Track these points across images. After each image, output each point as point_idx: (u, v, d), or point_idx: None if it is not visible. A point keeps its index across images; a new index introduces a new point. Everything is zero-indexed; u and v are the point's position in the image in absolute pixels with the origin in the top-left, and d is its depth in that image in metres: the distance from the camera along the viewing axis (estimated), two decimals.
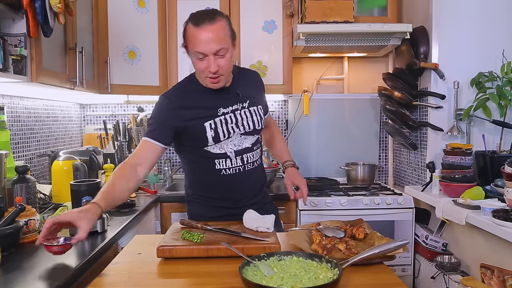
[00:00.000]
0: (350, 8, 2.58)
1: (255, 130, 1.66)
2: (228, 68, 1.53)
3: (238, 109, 1.63)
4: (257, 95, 1.72)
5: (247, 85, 1.69)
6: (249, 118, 1.64)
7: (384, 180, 3.15)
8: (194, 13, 1.51)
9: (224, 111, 1.60)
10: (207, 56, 1.48)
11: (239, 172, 1.64)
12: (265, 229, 1.38)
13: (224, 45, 1.47)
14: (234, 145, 1.62)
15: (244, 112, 1.64)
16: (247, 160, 1.65)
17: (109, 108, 3.13)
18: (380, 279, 1.12)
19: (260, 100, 1.74)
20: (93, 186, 1.61)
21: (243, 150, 1.64)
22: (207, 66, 1.49)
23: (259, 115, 1.68)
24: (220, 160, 1.61)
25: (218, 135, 1.58)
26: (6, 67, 1.55)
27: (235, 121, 1.61)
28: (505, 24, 2.39)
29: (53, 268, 1.24)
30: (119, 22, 2.54)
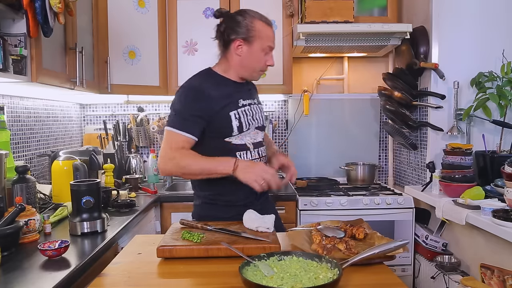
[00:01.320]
0: (350, 8, 2.58)
1: (263, 127, 1.76)
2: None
3: (252, 103, 1.71)
4: (257, 97, 1.81)
5: (250, 86, 1.80)
6: (259, 114, 1.73)
7: (384, 180, 3.15)
8: (253, 11, 1.67)
9: (243, 103, 1.67)
10: (271, 51, 1.66)
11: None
12: (265, 229, 1.38)
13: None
14: (251, 137, 1.66)
15: (256, 107, 1.72)
16: (262, 154, 1.70)
17: (109, 108, 3.13)
18: (380, 279, 1.12)
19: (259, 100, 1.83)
20: (93, 186, 1.61)
21: (258, 144, 1.69)
22: (267, 60, 1.66)
23: (263, 113, 1.78)
24: (241, 152, 1.63)
25: (242, 125, 1.62)
26: (6, 67, 1.55)
27: (252, 114, 1.68)
28: (505, 24, 2.39)
29: (53, 268, 1.24)
30: (119, 22, 2.54)
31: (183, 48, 2.78)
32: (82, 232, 1.58)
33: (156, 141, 3.14)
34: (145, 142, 3.04)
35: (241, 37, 1.61)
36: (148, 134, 3.04)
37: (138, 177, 2.66)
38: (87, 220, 1.59)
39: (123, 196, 2.23)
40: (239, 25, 1.61)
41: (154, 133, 3.03)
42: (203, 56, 2.78)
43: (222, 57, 1.69)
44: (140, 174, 2.88)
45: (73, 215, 1.60)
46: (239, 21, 1.61)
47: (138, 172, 2.91)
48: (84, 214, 1.58)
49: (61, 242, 1.36)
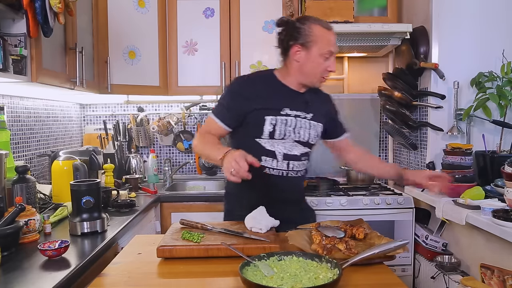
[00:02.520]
0: (350, 8, 2.58)
1: (308, 143, 1.68)
2: None
3: (301, 116, 1.65)
4: (322, 115, 1.72)
5: (318, 101, 1.73)
6: (307, 130, 1.66)
7: (384, 180, 3.15)
8: (314, 17, 1.62)
9: (288, 112, 1.63)
10: (332, 56, 1.60)
11: (282, 176, 1.65)
12: (258, 229, 1.39)
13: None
14: (284, 147, 1.64)
15: (305, 122, 1.66)
16: (292, 168, 1.66)
17: (109, 108, 3.13)
18: (380, 279, 1.12)
19: (324, 120, 1.73)
20: (93, 186, 1.61)
21: (291, 156, 1.65)
22: (328, 66, 1.60)
23: (316, 132, 1.70)
24: (267, 158, 1.63)
25: (274, 132, 1.61)
26: (6, 67, 1.55)
27: (294, 125, 1.63)
28: (505, 24, 2.39)
29: (53, 268, 1.24)
30: (119, 22, 2.54)
31: (183, 48, 2.78)
32: (82, 232, 1.58)
33: (156, 141, 3.14)
34: (145, 142, 3.04)
35: (299, 43, 1.58)
36: (148, 134, 3.04)
37: (138, 177, 2.66)
38: (87, 220, 1.59)
39: (123, 196, 2.23)
40: (297, 31, 1.58)
41: (154, 133, 3.03)
42: (203, 56, 2.79)
43: (283, 64, 1.68)
44: (140, 174, 2.88)
45: (73, 215, 1.60)
46: (298, 27, 1.59)
47: (138, 172, 2.91)
48: (84, 214, 1.59)
49: (61, 242, 1.36)
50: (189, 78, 2.80)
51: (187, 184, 3.02)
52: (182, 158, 3.16)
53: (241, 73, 2.76)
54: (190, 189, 2.98)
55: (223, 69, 2.76)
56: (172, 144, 3.12)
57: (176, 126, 3.06)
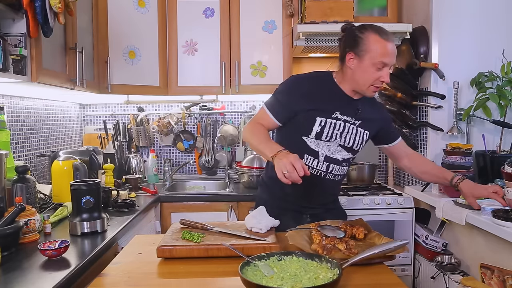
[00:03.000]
0: (350, 8, 2.58)
1: (351, 149, 1.70)
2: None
3: (349, 121, 1.67)
4: (372, 123, 1.73)
5: (370, 109, 1.73)
6: (353, 135, 1.68)
7: (384, 180, 3.15)
8: (376, 25, 1.61)
9: (338, 116, 1.66)
10: (386, 67, 1.58)
11: (319, 176, 1.68)
12: (258, 229, 1.39)
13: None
14: (328, 150, 1.67)
15: (353, 128, 1.68)
16: (331, 170, 1.69)
17: (109, 108, 3.13)
18: (380, 279, 1.12)
19: (372, 129, 1.74)
20: (93, 186, 1.61)
21: (333, 160, 1.68)
22: (381, 76, 1.58)
23: (362, 139, 1.71)
24: (310, 156, 1.66)
25: (322, 133, 1.64)
26: (6, 67, 1.55)
27: (342, 130, 1.66)
28: (505, 24, 2.39)
29: (53, 268, 1.24)
30: (119, 22, 2.54)
31: (183, 48, 2.78)
32: (82, 232, 1.58)
33: (156, 141, 3.14)
34: (145, 142, 3.04)
35: (353, 51, 1.60)
36: (148, 134, 3.04)
37: (138, 177, 2.66)
38: (87, 220, 1.59)
39: (123, 196, 2.23)
40: (354, 39, 1.60)
41: (154, 133, 3.03)
42: (203, 56, 2.79)
43: (340, 69, 1.70)
44: (140, 174, 2.88)
45: (73, 215, 1.60)
46: (356, 34, 1.60)
47: (138, 172, 2.91)
48: (84, 214, 1.59)
49: (61, 242, 1.36)
50: (189, 78, 2.80)
51: (187, 184, 3.02)
52: (182, 158, 3.16)
53: (241, 73, 2.76)
54: (190, 189, 2.98)
55: (223, 69, 2.76)
56: (172, 144, 3.12)
57: (176, 126, 3.06)
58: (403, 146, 1.88)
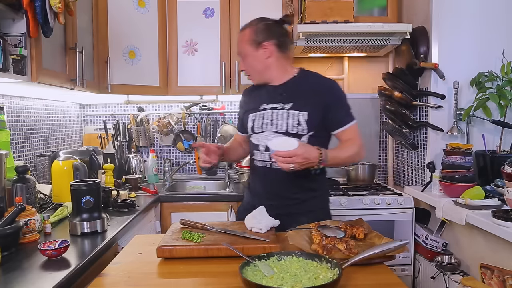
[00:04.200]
0: (350, 8, 2.58)
1: (288, 133, 1.67)
2: (252, 69, 1.75)
3: (277, 108, 1.71)
4: (308, 102, 1.68)
5: (305, 90, 1.71)
6: (285, 119, 1.68)
7: (384, 180, 3.15)
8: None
9: (265, 107, 1.74)
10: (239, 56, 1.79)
11: (267, 167, 1.72)
12: (258, 229, 1.39)
13: (243, 51, 1.74)
14: (268, 140, 1.68)
15: (282, 113, 1.69)
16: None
17: (109, 108, 3.13)
18: (380, 279, 1.12)
19: (312, 109, 1.67)
20: (93, 186, 1.61)
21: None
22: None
23: (297, 120, 1.66)
24: (255, 151, 1.77)
25: (254, 127, 1.75)
26: (6, 67, 1.55)
27: (270, 118, 1.71)
28: (505, 24, 2.39)
29: (53, 268, 1.24)
30: (119, 22, 2.54)
31: (183, 48, 2.78)
32: (82, 232, 1.58)
33: (156, 141, 3.14)
34: (145, 142, 3.04)
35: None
36: (148, 134, 3.04)
37: (138, 177, 2.66)
38: (87, 220, 1.59)
39: (123, 196, 2.23)
40: None
41: (154, 133, 3.03)
42: (203, 56, 2.79)
43: None
44: (140, 174, 2.88)
45: (73, 215, 1.60)
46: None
47: (138, 172, 2.91)
48: (84, 214, 1.59)
49: (61, 242, 1.36)
50: (189, 78, 2.79)
51: (187, 184, 3.02)
52: (182, 158, 3.16)
53: (241, 73, 2.76)
54: (190, 189, 2.98)
55: (223, 69, 2.76)
56: (172, 144, 3.12)
57: (176, 126, 3.06)
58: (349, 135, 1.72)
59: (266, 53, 1.71)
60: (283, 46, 1.73)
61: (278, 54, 1.72)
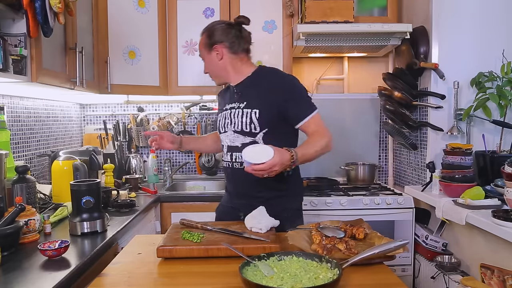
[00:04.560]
0: (350, 8, 2.58)
1: (243, 131, 1.72)
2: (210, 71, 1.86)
3: (234, 107, 1.77)
4: (261, 100, 1.70)
5: (258, 88, 1.74)
6: (239, 118, 1.73)
7: (384, 180, 3.15)
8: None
9: (227, 107, 1.81)
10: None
11: (230, 167, 1.80)
12: (258, 229, 1.39)
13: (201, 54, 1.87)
14: (229, 140, 1.79)
15: (238, 112, 1.74)
16: (235, 159, 1.76)
17: (109, 108, 3.13)
18: (380, 279, 1.12)
19: (263, 106, 1.69)
20: (93, 186, 1.61)
21: (233, 148, 1.77)
22: None
23: (250, 118, 1.70)
24: (223, 151, 1.85)
25: (220, 127, 1.83)
26: (6, 67, 1.55)
27: (229, 118, 1.77)
28: (505, 24, 2.39)
29: (53, 268, 1.24)
30: (119, 22, 2.54)
31: (183, 48, 2.78)
32: (82, 232, 1.58)
33: None
34: (145, 142, 3.04)
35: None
36: None
37: (138, 177, 2.66)
38: (87, 220, 1.59)
39: (123, 196, 2.23)
40: None
41: None
42: None
43: None
44: (140, 174, 2.88)
45: (73, 215, 1.60)
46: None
47: (138, 172, 2.91)
48: (84, 214, 1.59)
49: (61, 242, 1.36)
50: (189, 78, 2.79)
51: (187, 184, 3.02)
52: (182, 158, 3.16)
53: None
54: (190, 189, 2.98)
55: None
56: None
57: (176, 126, 3.06)
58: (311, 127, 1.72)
59: (219, 55, 1.79)
60: (234, 48, 1.77)
61: (231, 56, 1.78)
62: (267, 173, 1.49)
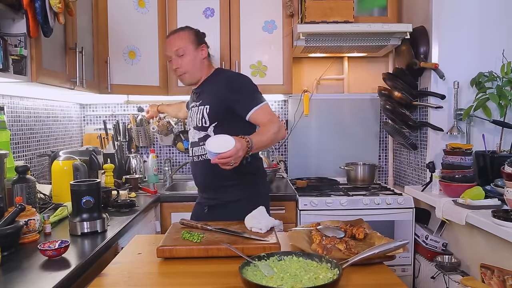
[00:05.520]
0: (350, 8, 2.58)
1: (197, 127, 1.89)
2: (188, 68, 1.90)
3: (194, 106, 1.93)
4: (212, 96, 1.87)
5: (212, 86, 1.91)
6: (196, 114, 1.90)
7: (384, 180, 3.15)
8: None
9: (190, 106, 2.00)
10: (170, 59, 1.95)
11: (193, 161, 1.96)
12: (258, 229, 1.39)
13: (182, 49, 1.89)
14: (191, 136, 1.96)
15: (196, 109, 1.91)
16: (194, 153, 1.93)
17: (109, 108, 3.13)
18: (380, 279, 1.12)
19: (212, 102, 1.85)
20: (93, 186, 1.61)
21: (194, 143, 1.94)
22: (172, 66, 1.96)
23: (202, 114, 1.87)
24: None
25: (187, 125, 2.04)
26: (6, 67, 1.55)
27: (190, 115, 1.96)
28: (505, 24, 2.39)
29: (53, 268, 1.24)
30: (119, 22, 2.54)
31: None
32: (82, 232, 1.58)
33: (156, 141, 3.14)
34: (145, 142, 3.04)
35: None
36: (148, 134, 3.03)
37: (138, 177, 2.66)
38: (87, 220, 1.59)
39: (123, 196, 2.23)
40: None
41: (154, 133, 3.03)
42: None
43: None
44: (140, 174, 2.88)
45: (73, 215, 1.60)
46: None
47: (138, 172, 2.91)
48: (84, 214, 1.58)
49: (61, 242, 1.36)
50: None
51: (187, 184, 3.02)
52: (182, 158, 3.16)
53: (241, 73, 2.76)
54: (190, 189, 2.97)
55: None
56: (172, 144, 3.12)
57: (176, 126, 3.06)
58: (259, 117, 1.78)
59: (203, 54, 1.94)
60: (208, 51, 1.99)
61: (207, 58, 1.97)
62: (233, 160, 1.48)
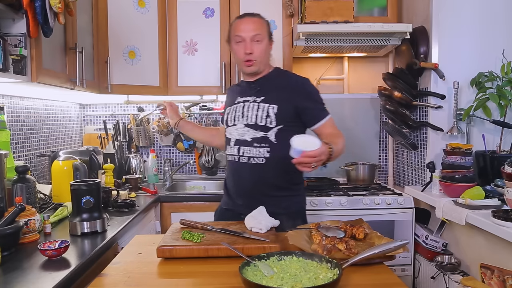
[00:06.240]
0: (350, 8, 2.58)
1: (257, 125, 1.72)
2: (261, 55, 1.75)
3: (249, 101, 1.77)
4: (279, 97, 1.73)
5: (277, 86, 1.77)
6: (254, 111, 1.73)
7: (384, 180, 3.15)
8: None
9: (239, 100, 1.81)
10: (243, 41, 1.74)
11: (236, 161, 1.77)
12: (258, 229, 1.39)
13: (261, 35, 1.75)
14: (238, 133, 1.76)
15: (253, 106, 1.74)
16: (243, 153, 1.74)
17: (109, 108, 3.13)
18: (380, 279, 1.12)
19: (281, 102, 1.71)
20: (93, 186, 1.61)
21: (242, 142, 1.75)
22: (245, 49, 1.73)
23: (266, 112, 1.71)
24: (227, 145, 1.82)
25: (227, 120, 1.81)
26: (6, 67, 1.55)
27: (242, 110, 1.76)
28: (505, 24, 2.39)
29: (53, 268, 1.24)
30: (119, 22, 2.54)
31: (183, 48, 2.78)
32: (82, 232, 1.58)
33: (156, 141, 3.14)
34: (145, 142, 3.04)
35: (229, 42, 1.85)
36: (148, 134, 3.04)
37: (138, 177, 2.66)
38: (87, 220, 1.59)
39: (123, 196, 2.23)
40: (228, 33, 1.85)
41: (154, 133, 3.03)
42: (203, 56, 2.78)
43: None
44: (140, 174, 2.88)
45: (73, 215, 1.60)
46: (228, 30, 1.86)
47: (138, 172, 2.91)
48: (84, 214, 1.59)
49: (61, 242, 1.36)
50: (189, 78, 2.79)
51: (187, 184, 3.02)
52: (182, 158, 3.16)
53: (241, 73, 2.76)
54: (190, 189, 2.98)
55: (223, 69, 2.75)
56: (172, 144, 3.12)
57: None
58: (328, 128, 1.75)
59: (272, 47, 1.83)
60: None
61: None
62: (315, 163, 1.36)
